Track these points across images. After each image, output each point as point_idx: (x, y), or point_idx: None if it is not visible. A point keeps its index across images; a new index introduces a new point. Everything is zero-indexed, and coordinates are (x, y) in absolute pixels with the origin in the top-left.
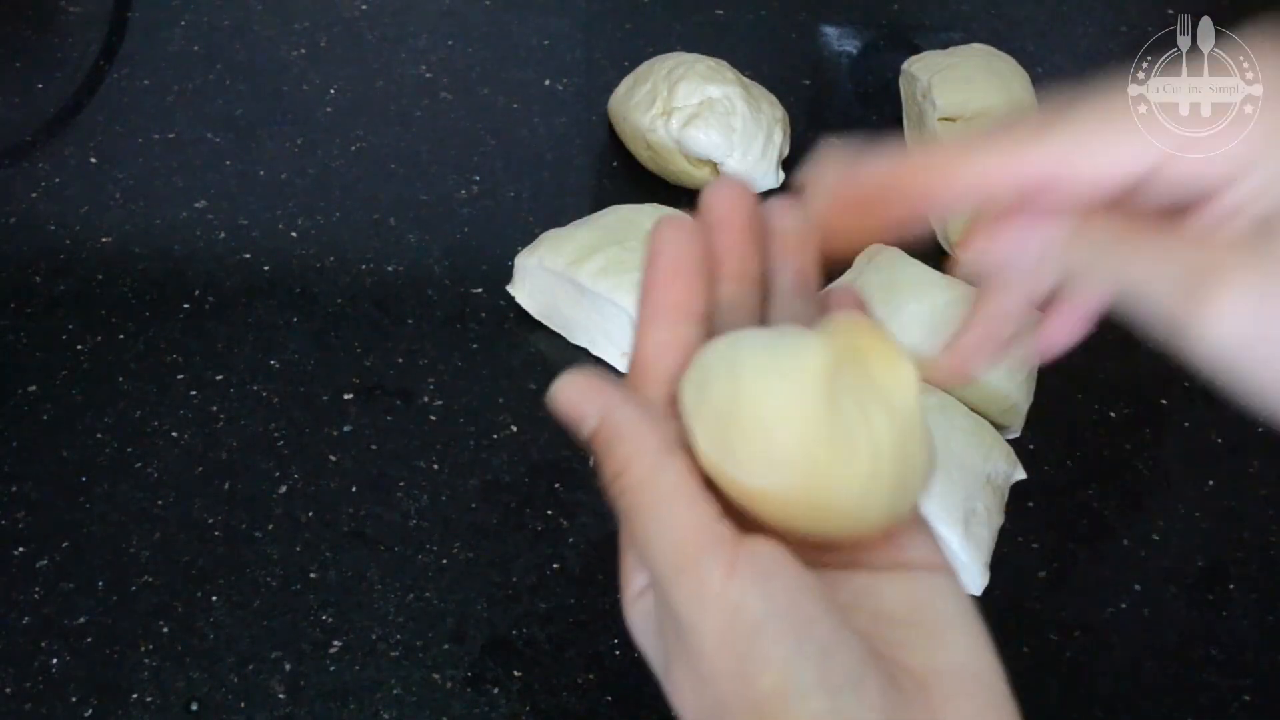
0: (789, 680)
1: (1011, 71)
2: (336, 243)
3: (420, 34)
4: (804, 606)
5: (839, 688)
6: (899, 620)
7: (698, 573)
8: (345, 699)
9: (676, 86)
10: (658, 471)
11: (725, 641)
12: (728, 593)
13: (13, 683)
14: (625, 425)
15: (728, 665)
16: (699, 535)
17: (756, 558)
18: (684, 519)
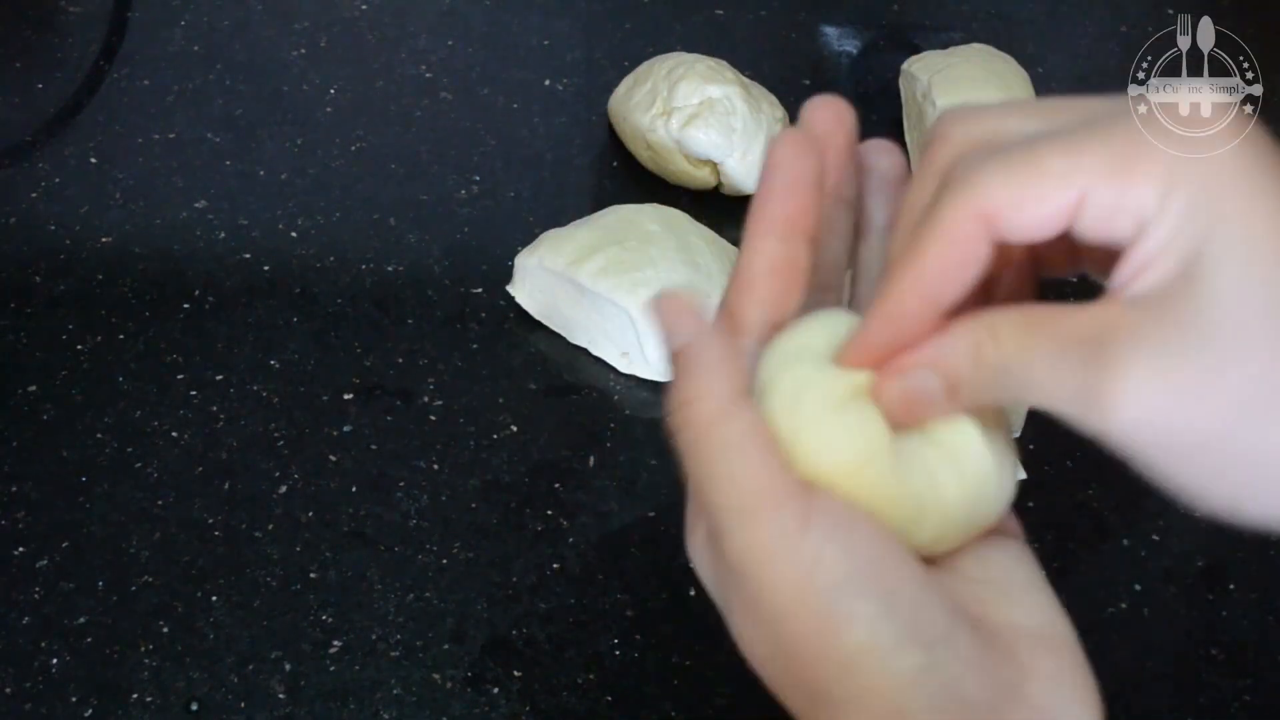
0: (878, 636)
1: (1011, 71)
2: (336, 243)
3: (420, 34)
4: (887, 561)
5: (932, 642)
6: (978, 579)
7: (768, 522)
8: (345, 699)
9: (676, 86)
10: (729, 415)
11: (802, 597)
12: (804, 545)
13: (13, 683)
14: (709, 359)
15: (806, 622)
16: (770, 483)
17: (832, 512)
18: (753, 466)
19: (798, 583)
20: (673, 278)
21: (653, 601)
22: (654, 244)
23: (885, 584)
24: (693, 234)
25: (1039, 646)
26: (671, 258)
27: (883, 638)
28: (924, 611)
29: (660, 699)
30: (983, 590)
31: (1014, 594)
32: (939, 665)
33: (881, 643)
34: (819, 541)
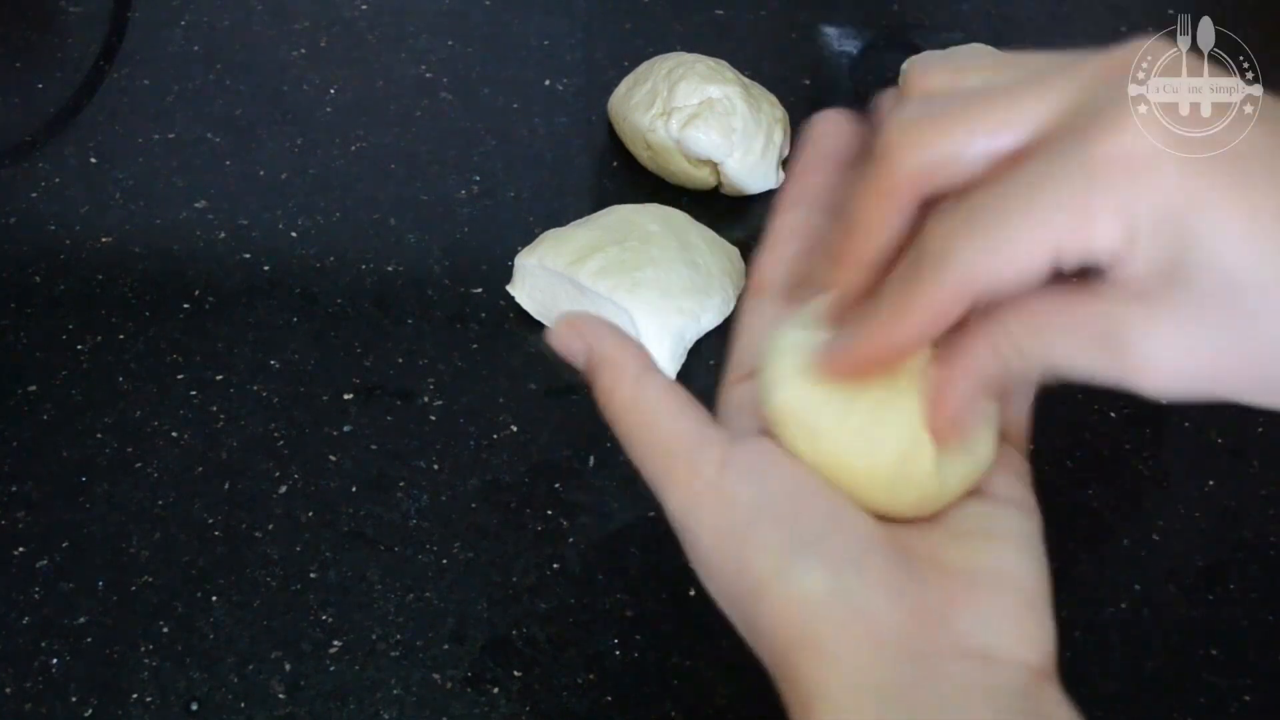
0: (784, 560)
1: None
2: (336, 243)
3: (420, 34)
4: (800, 493)
5: (839, 565)
6: (958, 532)
7: (688, 470)
8: (345, 699)
9: (676, 86)
10: (640, 388)
11: (722, 534)
12: (722, 485)
13: (13, 683)
14: (608, 353)
15: (726, 558)
16: (687, 437)
17: (749, 452)
18: (671, 425)
19: (718, 521)
20: (672, 278)
21: (653, 601)
22: (654, 244)
23: (797, 512)
24: (693, 234)
25: (984, 585)
26: (672, 258)
27: (790, 560)
28: (836, 537)
29: (660, 699)
30: (952, 541)
31: (990, 543)
32: (846, 587)
33: (789, 565)
34: (734, 481)
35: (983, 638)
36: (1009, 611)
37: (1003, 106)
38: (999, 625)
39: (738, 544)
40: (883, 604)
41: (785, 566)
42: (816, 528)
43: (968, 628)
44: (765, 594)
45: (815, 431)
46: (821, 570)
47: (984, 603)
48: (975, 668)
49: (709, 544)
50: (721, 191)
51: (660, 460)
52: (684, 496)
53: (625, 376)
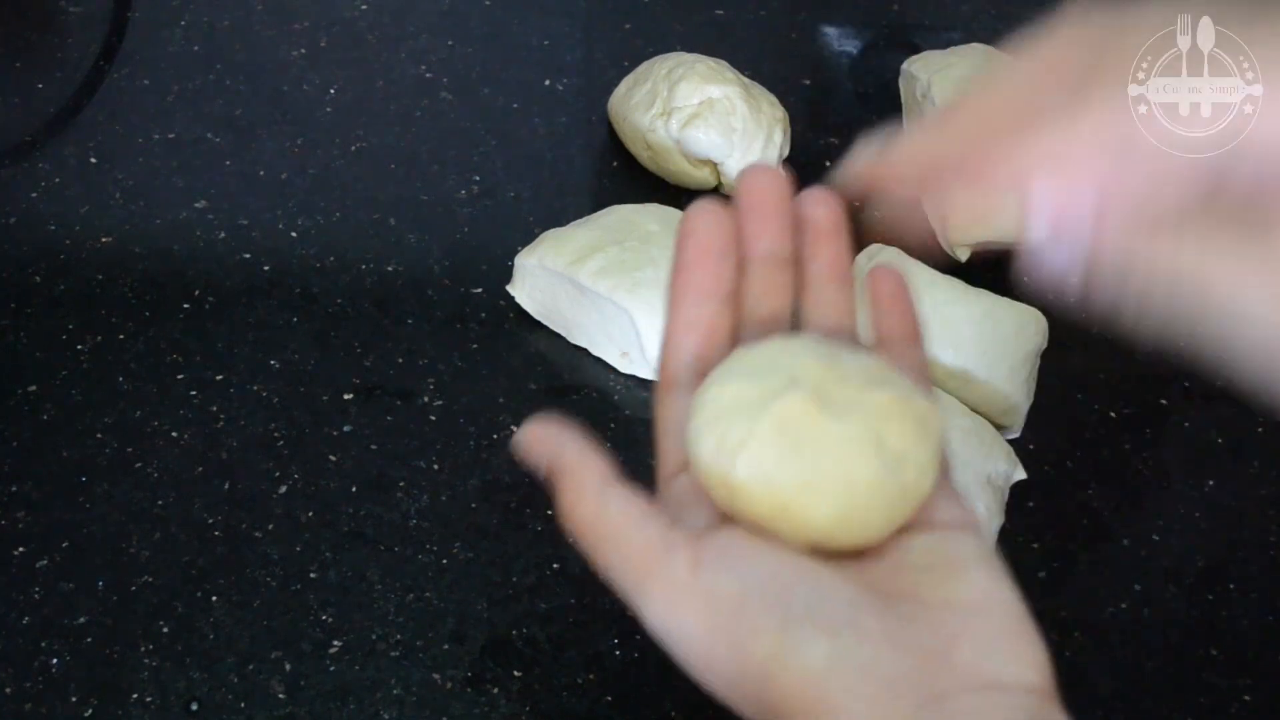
0: (782, 639)
1: None
2: (336, 243)
3: (420, 34)
4: (781, 573)
5: (836, 629)
6: (920, 566)
7: (663, 577)
8: (345, 699)
9: (676, 86)
10: (602, 502)
11: (712, 630)
12: (699, 583)
13: (13, 683)
14: (568, 467)
15: (723, 650)
16: (654, 545)
17: (718, 544)
18: (636, 536)
19: (704, 619)
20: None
21: None
22: (654, 244)
23: (782, 592)
24: None
25: (971, 615)
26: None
27: (788, 638)
28: (826, 605)
29: (660, 699)
30: (924, 576)
31: (958, 573)
32: (847, 647)
33: (788, 642)
34: (710, 575)
35: (986, 667)
36: (1002, 636)
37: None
38: (997, 652)
39: (730, 635)
40: (886, 656)
41: (784, 645)
42: (804, 600)
43: (970, 660)
44: (771, 675)
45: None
46: (821, 639)
47: (977, 632)
48: (987, 699)
49: (700, 641)
50: (721, 191)
51: (632, 573)
52: (664, 603)
53: (587, 490)
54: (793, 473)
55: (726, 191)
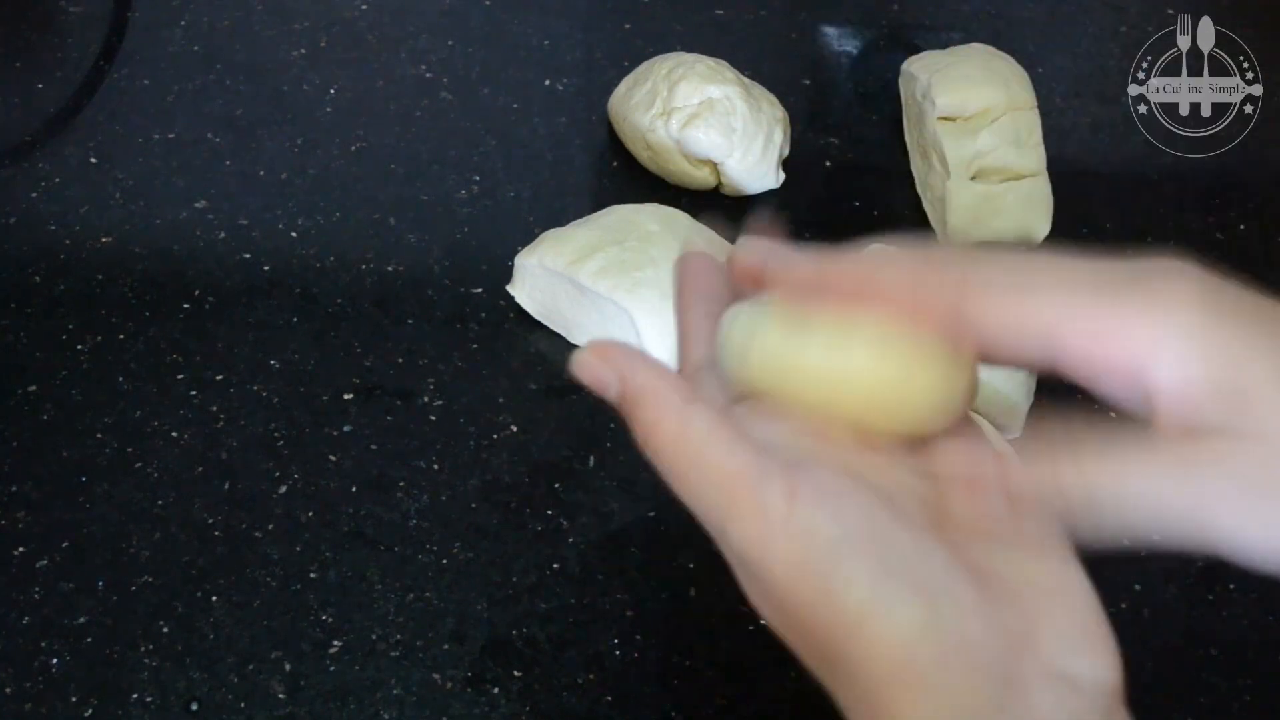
0: (877, 593)
1: (1011, 71)
2: (336, 243)
3: (420, 34)
4: (879, 520)
5: (934, 594)
6: (998, 542)
7: (757, 505)
8: (345, 699)
9: (676, 86)
10: (687, 423)
11: (801, 569)
12: (794, 518)
13: (13, 683)
14: (646, 386)
15: (808, 592)
16: (748, 470)
17: (817, 480)
18: (727, 459)
19: (795, 556)
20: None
21: (653, 601)
22: (654, 244)
23: (880, 542)
24: (693, 234)
25: (1050, 599)
26: (671, 258)
27: (882, 594)
28: (922, 565)
29: (660, 699)
30: (995, 549)
31: (1030, 550)
32: (943, 616)
33: (882, 599)
34: (808, 511)
35: (1068, 661)
36: (1082, 629)
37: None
38: (1078, 646)
39: (821, 579)
40: (979, 632)
41: (879, 601)
42: (903, 556)
43: (1052, 651)
44: (859, 630)
45: (806, 367)
46: (918, 602)
47: (1062, 622)
48: (1062, 694)
49: (785, 580)
50: (721, 191)
51: (720, 497)
52: (754, 533)
53: (669, 410)
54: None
55: (726, 192)
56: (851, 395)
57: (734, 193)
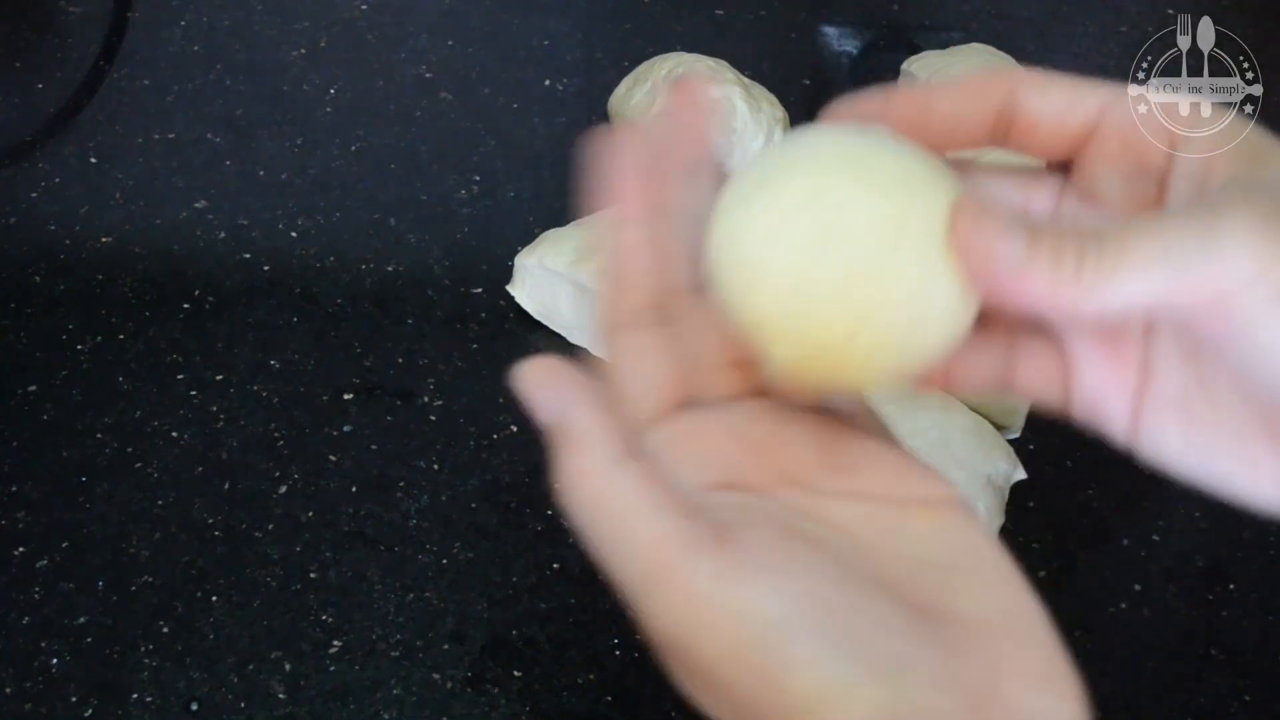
0: (829, 677)
1: None
2: (336, 243)
3: (420, 34)
4: (826, 589)
5: (891, 672)
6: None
7: (680, 581)
8: (345, 699)
9: None
10: (613, 479)
11: (736, 652)
12: (725, 596)
13: (13, 683)
14: (580, 429)
15: (747, 677)
16: (671, 540)
17: (750, 548)
18: (651, 526)
19: (729, 638)
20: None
21: None
22: None
23: (827, 616)
24: None
25: (1011, 639)
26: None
27: (834, 677)
28: (877, 636)
29: (660, 699)
30: (946, 578)
31: (978, 574)
32: (903, 694)
33: (834, 683)
34: (746, 590)
35: (1033, 703)
36: (1046, 667)
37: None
38: (1043, 685)
39: (761, 664)
40: (943, 702)
41: (831, 686)
42: (854, 629)
43: (1018, 696)
44: (815, 717)
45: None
46: (875, 682)
47: (1024, 663)
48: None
49: (717, 664)
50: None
51: (641, 570)
52: (677, 613)
53: (597, 460)
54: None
55: None
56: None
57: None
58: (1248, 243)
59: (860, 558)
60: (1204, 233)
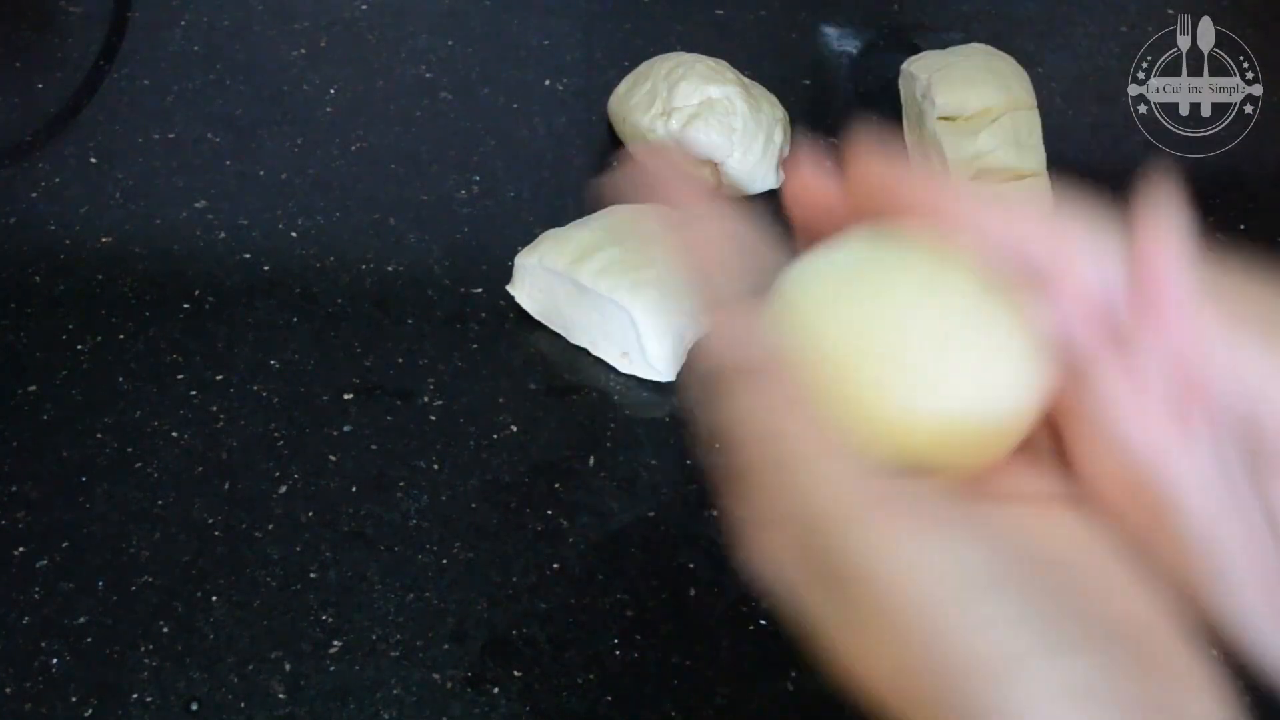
0: (1010, 644)
1: (1011, 71)
2: (336, 243)
3: (420, 34)
4: (999, 562)
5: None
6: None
7: (881, 524)
8: (345, 699)
9: (676, 86)
10: (811, 419)
11: (929, 600)
12: (929, 546)
13: (13, 683)
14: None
15: (931, 625)
16: (870, 481)
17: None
18: (849, 466)
19: (933, 586)
20: (672, 278)
21: (653, 601)
22: (654, 244)
23: (1010, 586)
24: None
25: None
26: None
27: (1015, 647)
28: (1049, 617)
29: (660, 699)
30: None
31: (1104, 576)
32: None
33: (1014, 652)
34: (934, 539)
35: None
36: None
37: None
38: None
39: (950, 614)
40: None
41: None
42: (1030, 603)
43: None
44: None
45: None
46: (1051, 660)
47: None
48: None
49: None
50: (721, 191)
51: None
52: (873, 552)
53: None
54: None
55: (726, 192)
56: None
57: (734, 193)
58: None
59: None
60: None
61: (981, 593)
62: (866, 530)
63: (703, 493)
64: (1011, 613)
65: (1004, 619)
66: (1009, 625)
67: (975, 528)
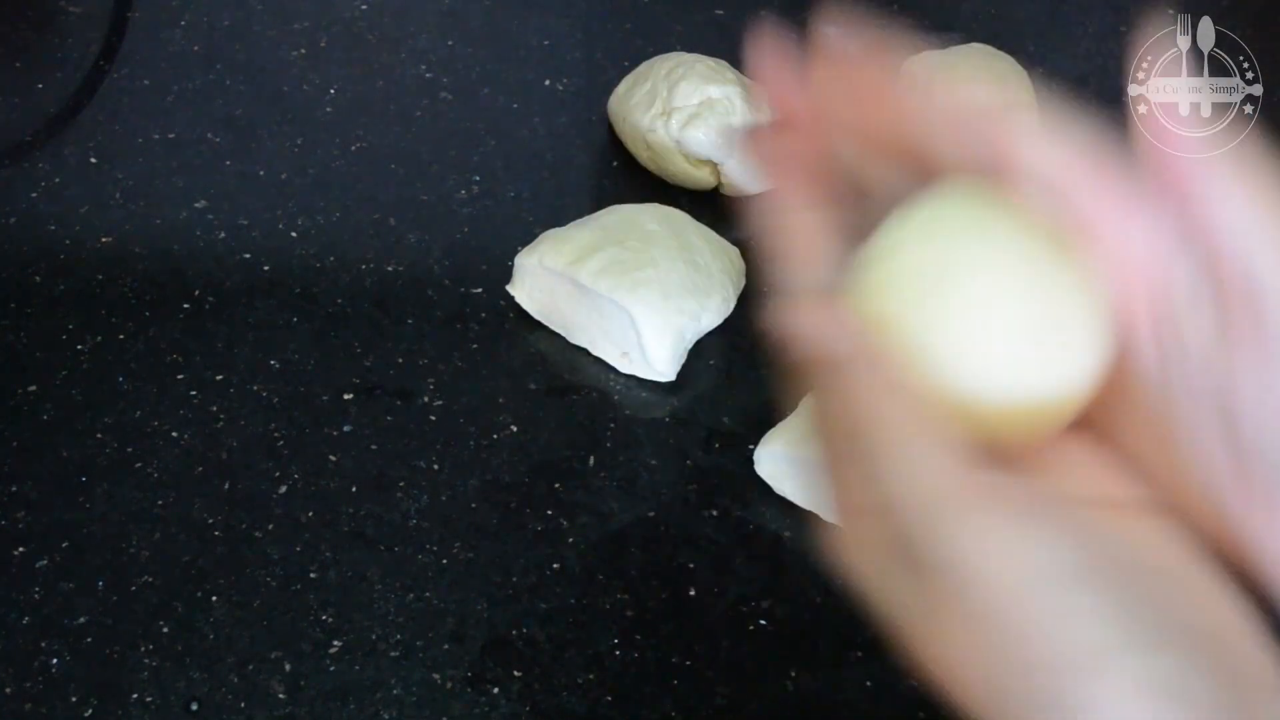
0: (1095, 637)
1: (1011, 71)
2: (336, 243)
3: (420, 34)
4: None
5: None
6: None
7: (971, 514)
8: (345, 699)
9: (676, 86)
10: (897, 408)
11: (1016, 590)
12: (1018, 538)
13: (13, 683)
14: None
15: (1018, 616)
16: (963, 471)
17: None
18: (944, 454)
19: (1020, 577)
20: (673, 278)
21: (653, 601)
22: (654, 244)
23: (1097, 582)
24: (693, 234)
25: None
26: (672, 258)
27: (1100, 641)
28: (1134, 615)
29: (660, 699)
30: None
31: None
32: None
33: (1098, 646)
34: (1041, 531)
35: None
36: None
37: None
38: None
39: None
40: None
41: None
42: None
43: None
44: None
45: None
46: (1136, 657)
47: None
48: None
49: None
50: (721, 191)
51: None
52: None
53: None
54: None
55: (726, 192)
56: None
57: (734, 193)
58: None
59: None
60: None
61: (1069, 586)
62: (956, 520)
63: (703, 493)
64: (1098, 607)
65: (1090, 613)
66: (1095, 619)
67: (1064, 524)
